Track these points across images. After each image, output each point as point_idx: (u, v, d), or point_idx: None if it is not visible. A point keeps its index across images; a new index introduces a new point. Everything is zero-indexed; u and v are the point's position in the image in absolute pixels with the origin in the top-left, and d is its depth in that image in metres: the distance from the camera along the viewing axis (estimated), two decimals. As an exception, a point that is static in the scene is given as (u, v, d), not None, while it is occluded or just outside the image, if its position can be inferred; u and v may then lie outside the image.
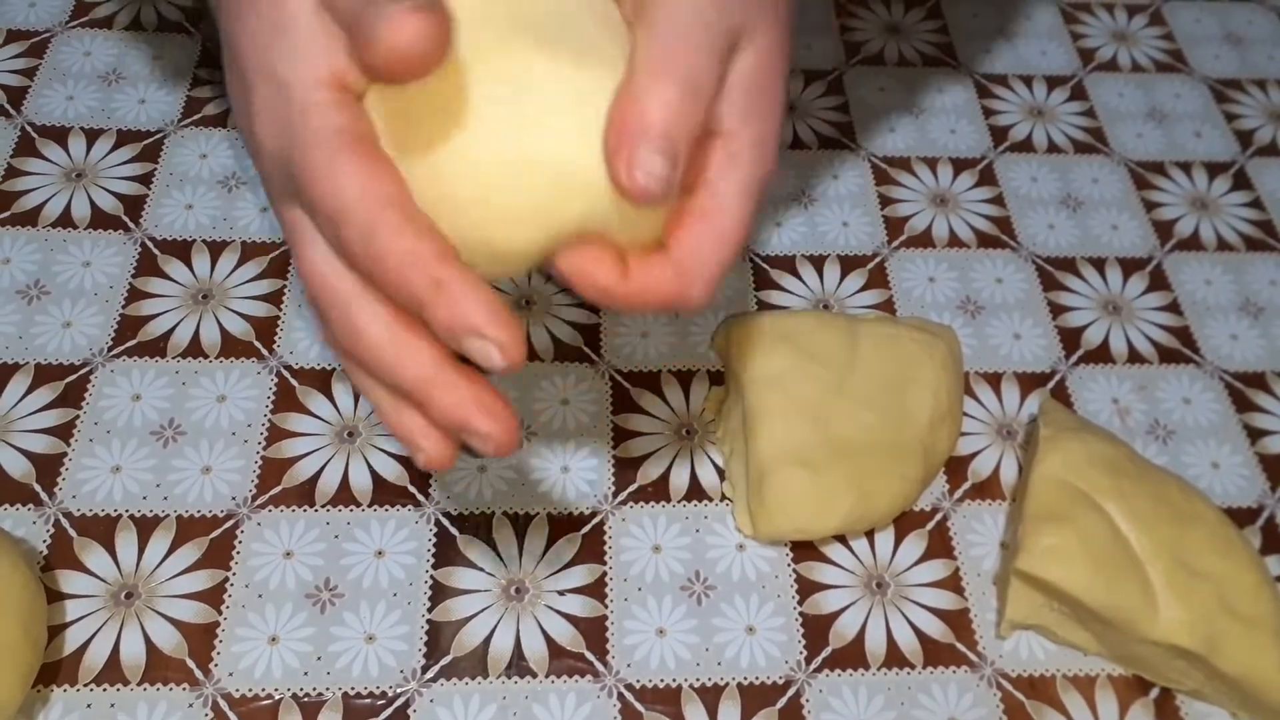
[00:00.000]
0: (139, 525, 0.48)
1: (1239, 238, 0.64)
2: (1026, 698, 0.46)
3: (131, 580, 0.46)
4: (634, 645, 0.46)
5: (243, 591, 0.46)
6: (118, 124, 0.62)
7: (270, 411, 0.52)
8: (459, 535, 0.49)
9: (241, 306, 0.55)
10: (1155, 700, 0.47)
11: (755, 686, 0.46)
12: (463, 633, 0.46)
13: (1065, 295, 0.60)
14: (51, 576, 0.46)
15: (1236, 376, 0.58)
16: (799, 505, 0.47)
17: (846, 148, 0.65)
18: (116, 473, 0.49)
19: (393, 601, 0.47)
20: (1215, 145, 0.68)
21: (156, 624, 0.45)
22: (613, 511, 0.50)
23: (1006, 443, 0.54)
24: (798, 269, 0.59)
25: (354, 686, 0.45)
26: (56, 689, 0.43)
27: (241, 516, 0.48)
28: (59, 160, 0.60)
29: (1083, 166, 0.66)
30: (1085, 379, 0.57)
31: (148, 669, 0.44)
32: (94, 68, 0.64)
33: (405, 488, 0.50)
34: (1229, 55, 0.74)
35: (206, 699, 0.44)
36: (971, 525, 0.51)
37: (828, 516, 0.48)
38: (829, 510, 0.47)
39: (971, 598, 0.49)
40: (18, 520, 0.47)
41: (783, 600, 0.48)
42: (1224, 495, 0.53)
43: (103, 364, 0.52)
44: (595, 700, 0.45)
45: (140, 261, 0.56)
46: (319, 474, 0.50)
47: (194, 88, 0.64)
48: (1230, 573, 0.45)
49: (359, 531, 0.48)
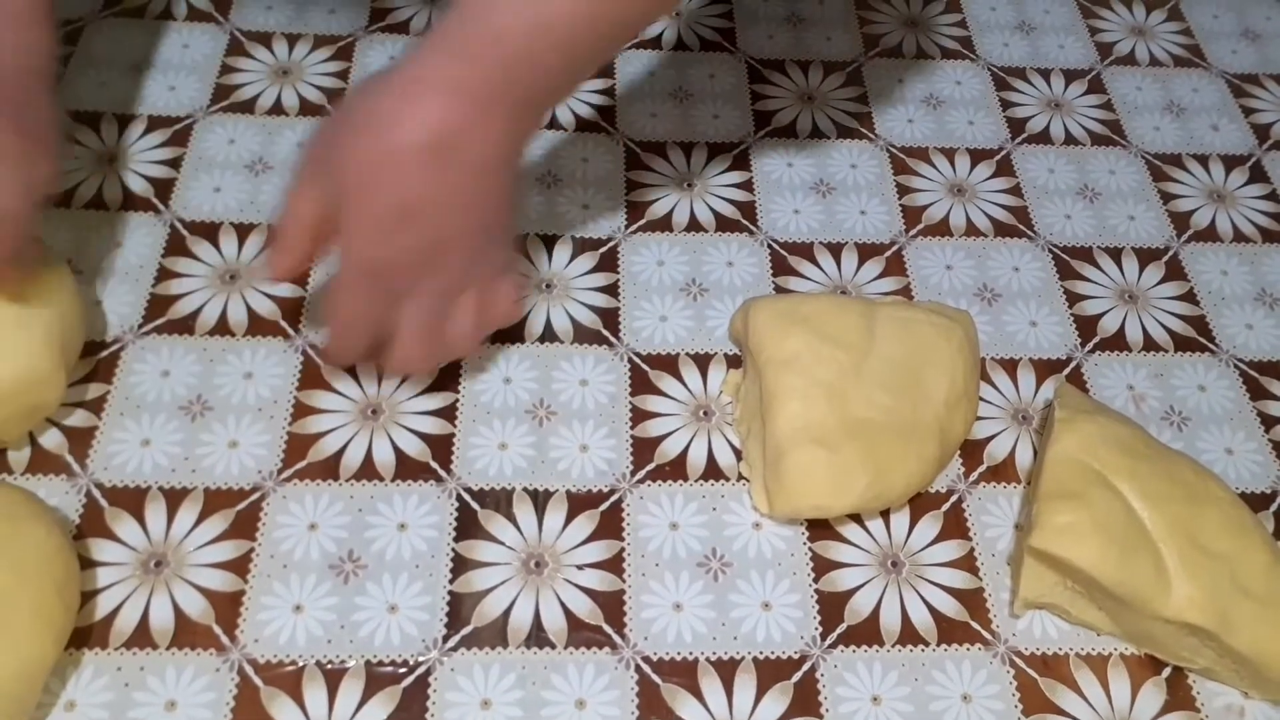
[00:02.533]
0: (168, 497, 0.49)
1: (1255, 229, 0.64)
2: (1039, 675, 0.47)
3: (161, 549, 0.47)
4: (651, 619, 0.47)
5: (268, 562, 0.47)
6: (149, 109, 0.63)
7: (296, 388, 0.53)
8: (480, 510, 0.50)
9: (268, 287, 0.56)
10: (1167, 679, 0.47)
11: (771, 661, 0.47)
12: (483, 604, 0.47)
13: (1082, 284, 0.61)
14: (84, 545, 0.47)
15: (1252, 365, 0.58)
16: (815, 484, 0.48)
17: (865, 138, 0.66)
18: (146, 446, 0.50)
19: (415, 573, 0.48)
20: (1232, 138, 0.69)
21: (185, 591, 0.46)
22: (631, 490, 0.51)
23: (1022, 427, 0.55)
24: (815, 256, 0.60)
25: (376, 655, 0.45)
26: (88, 652, 0.44)
27: (268, 489, 0.49)
28: (91, 144, 0.61)
29: (1100, 158, 0.67)
30: (1101, 366, 0.57)
31: (176, 634, 0.45)
32: (125, 55, 0.65)
33: (427, 463, 0.51)
34: (1247, 50, 0.74)
35: (233, 664, 0.45)
36: (986, 507, 0.52)
37: (843, 495, 0.48)
38: (844, 489, 0.48)
39: (986, 577, 0.50)
40: (51, 490, 0.48)
41: (798, 577, 0.49)
42: (1238, 481, 0.54)
43: (133, 341, 0.53)
44: (613, 671, 0.46)
45: (170, 242, 0.57)
46: (343, 449, 0.51)
47: (222, 75, 0.65)
48: (1242, 552, 0.45)
49: (382, 505, 0.49)
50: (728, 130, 0.66)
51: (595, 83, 0.67)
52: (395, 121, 0.43)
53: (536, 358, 0.55)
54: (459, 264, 0.46)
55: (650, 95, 0.67)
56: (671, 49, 0.70)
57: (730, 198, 0.62)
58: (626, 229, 0.60)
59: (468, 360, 0.54)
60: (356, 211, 0.44)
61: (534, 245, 0.59)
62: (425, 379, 0.53)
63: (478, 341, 0.50)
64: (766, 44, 0.71)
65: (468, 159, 0.44)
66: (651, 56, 0.69)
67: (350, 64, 0.66)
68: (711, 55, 0.70)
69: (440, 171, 0.43)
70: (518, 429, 0.52)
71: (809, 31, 0.72)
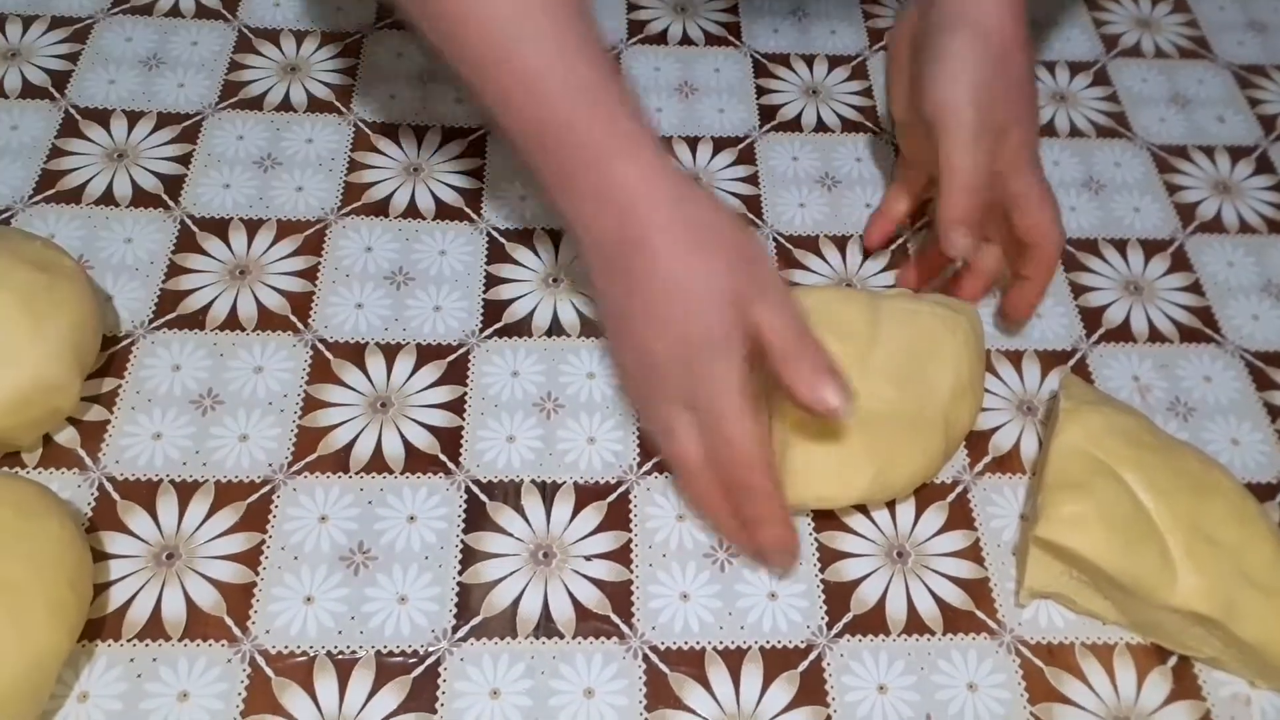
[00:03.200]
0: (179, 490, 0.49)
1: (1261, 220, 0.64)
2: (1045, 665, 0.47)
3: (172, 542, 0.48)
4: (659, 609, 0.47)
5: (279, 554, 0.48)
6: (158, 106, 0.63)
7: (305, 382, 0.53)
8: (488, 502, 0.50)
9: (277, 282, 0.56)
10: (1173, 668, 0.47)
11: (777, 650, 0.47)
12: (492, 595, 0.47)
13: (1087, 276, 0.61)
14: (96, 538, 0.48)
15: (1257, 355, 0.58)
16: (821, 475, 0.48)
17: (870, 131, 0.66)
18: (157, 439, 0.51)
19: (424, 564, 0.48)
20: (1238, 130, 0.69)
21: (196, 583, 0.47)
22: (638, 481, 0.51)
23: (1027, 418, 0.55)
24: (820, 249, 0.60)
25: (386, 645, 0.46)
26: (101, 644, 0.45)
27: (278, 482, 0.50)
28: (102, 141, 0.61)
29: (1105, 150, 0.67)
30: (1106, 357, 0.57)
31: (188, 626, 0.46)
32: (135, 52, 0.66)
33: (436, 456, 0.51)
34: (1252, 42, 0.74)
35: (244, 655, 0.45)
36: (991, 498, 0.52)
37: (849, 487, 0.48)
38: (850, 481, 0.48)
39: (991, 568, 0.50)
40: (64, 483, 0.49)
41: (804, 568, 0.49)
42: (1244, 471, 0.54)
43: (144, 335, 0.54)
44: (621, 661, 0.46)
45: (180, 238, 0.58)
46: (353, 442, 0.51)
47: (231, 72, 0.65)
48: (1248, 542, 0.46)
49: (391, 497, 0.50)
50: (733, 124, 0.66)
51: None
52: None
53: (544, 351, 0.55)
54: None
55: (656, 90, 0.67)
56: (677, 43, 0.70)
57: (736, 191, 0.62)
58: (633, 223, 0.60)
59: (475, 355, 0.55)
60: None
61: (540, 240, 0.59)
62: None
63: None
64: (771, 38, 0.71)
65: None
66: (657, 51, 0.70)
67: (358, 60, 0.67)
68: (716, 50, 0.70)
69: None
70: (525, 422, 0.53)
71: (814, 26, 0.72)
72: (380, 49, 0.67)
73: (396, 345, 0.55)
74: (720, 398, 0.44)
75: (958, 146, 0.51)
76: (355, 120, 0.64)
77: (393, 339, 0.55)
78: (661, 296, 0.45)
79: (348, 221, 0.59)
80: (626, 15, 0.71)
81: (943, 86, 0.51)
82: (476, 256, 0.58)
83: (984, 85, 0.51)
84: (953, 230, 0.51)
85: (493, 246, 0.59)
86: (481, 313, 0.56)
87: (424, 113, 0.64)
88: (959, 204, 0.51)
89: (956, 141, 0.51)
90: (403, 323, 0.56)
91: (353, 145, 0.63)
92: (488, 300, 0.57)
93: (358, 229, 0.59)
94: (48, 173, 0.60)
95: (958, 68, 0.51)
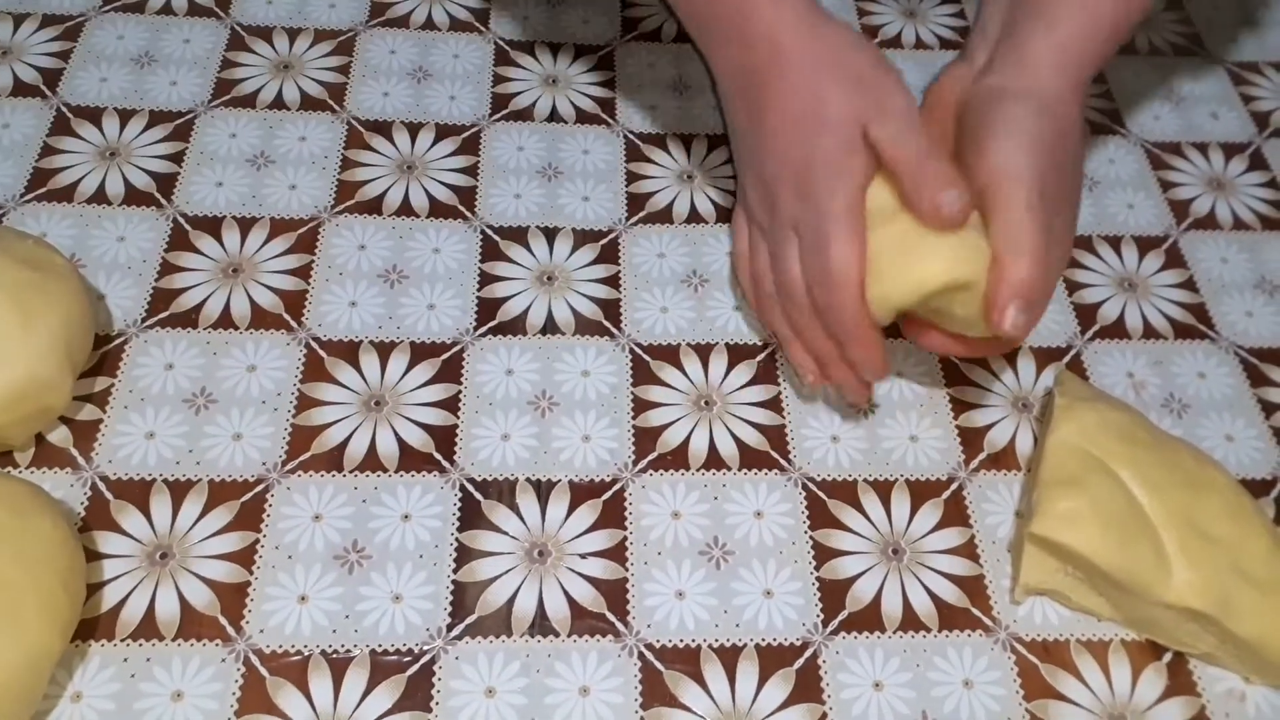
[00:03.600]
0: (172, 489, 0.49)
1: (1255, 217, 0.64)
2: (1040, 661, 0.47)
3: (166, 541, 0.48)
4: (654, 607, 0.47)
5: (273, 553, 0.48)
6: (150, 104, 0.63)
7: (299, 381, 0.53)
8: (483, 500, 0.50)
9: (271, 280, 0.56)
10: (1168, 664, 0.47)
11: (773, 647, 0.47)
12: (487, 593, 0.47)
13: (1081, 272, 0.61)
14: (89, 537, 0.47)
15: (1251, 352, 0.58)
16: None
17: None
18: (150, 438, 0.50)
19: (419, 563, 0.48)
20: (1232, 126, 0.69)
21: (190, 583, 0.47)
22: (633, 479, 0.51)
23: (1022, 415, 0.55)
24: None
25: (381, 644, 0.46)
26: (94, 644, 0.45)
27: (272, 481, 0.50)
28: (93, 139, 0.61)
29: (1099, 147, 0.67)
30: (1101, 354, 0.57)
31: (182, 625, 0.46)
32: (127, 50, 0.66)
33: (431, 454, 0.51)
34: (1247, 39, 0.74)
35: (239, 654, 0.45)
36: (987, 495, 0.52)
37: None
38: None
39: (986, 564, 0.50)
40: (56, 483, 0.49)
41: (800, 565, 0.49)
42: (1238, 467, 0.54)
43: (137, 334, 0.54)
44: (616, 659, 0.46)
45: (172, 236, 0.58)
46: (347, 441, 0.51)
47: (223, 70, 0.65)
48: (1243, 538, 0.46)
49: (386, 496, 0.50)
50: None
51: (596, 75, 0.67)
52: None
53: (538, 349, 0.55)
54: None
55: (650, 88, 0.67)
56: (671, 41, 0.70)
57: (731, 189, 0.62)
58: (627, 221, 0.60)
59: (470, 353, 0.54)
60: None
61: (535, 237, 0.59)
62: None
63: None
64: (766, 35, 0.71)
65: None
66: (651, 49, 0.69)
67: (351, 58, 0.67)
68: (711, 47, 0.70)
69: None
70: (520, 420, 0.52)
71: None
72: (373, 46, 0.67)
73: (390, 343, 0.54)
74: (828, 221, 0.46)
75: (1021, 213, 0.46)
76: (348, 118, 0.64)
77: (387, 337, 0.55)
78: (788, 121, 0.48)
79: (341, 219, 0.59)
80: (621, 14, 0.71)
81: (1007, 155, 0.47)
82: (470, 254, 0.58)
83: (1045, 161, 0.47)
84: (1013, 303, 0.45)
85: (487, 244, 0.59)
86: (475, 311, 0.56)
87: (417, 110, 0.64)
88: (1022, 271, 0.45)
89: (1018, 207, 0.46)
90: (396, 321, 0.55)
91: (346, 143, 0.62)
92: (482, 298, 0.57)
93: (351, 227, 0.59)
94: (39, 171, 0.59)
95: (1023, 141, 0.47)
